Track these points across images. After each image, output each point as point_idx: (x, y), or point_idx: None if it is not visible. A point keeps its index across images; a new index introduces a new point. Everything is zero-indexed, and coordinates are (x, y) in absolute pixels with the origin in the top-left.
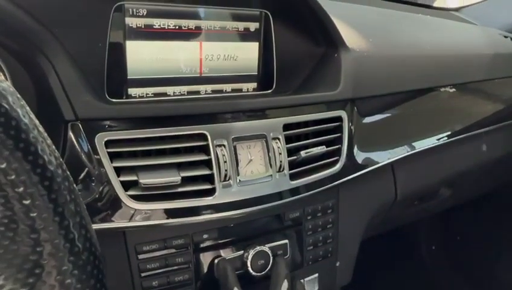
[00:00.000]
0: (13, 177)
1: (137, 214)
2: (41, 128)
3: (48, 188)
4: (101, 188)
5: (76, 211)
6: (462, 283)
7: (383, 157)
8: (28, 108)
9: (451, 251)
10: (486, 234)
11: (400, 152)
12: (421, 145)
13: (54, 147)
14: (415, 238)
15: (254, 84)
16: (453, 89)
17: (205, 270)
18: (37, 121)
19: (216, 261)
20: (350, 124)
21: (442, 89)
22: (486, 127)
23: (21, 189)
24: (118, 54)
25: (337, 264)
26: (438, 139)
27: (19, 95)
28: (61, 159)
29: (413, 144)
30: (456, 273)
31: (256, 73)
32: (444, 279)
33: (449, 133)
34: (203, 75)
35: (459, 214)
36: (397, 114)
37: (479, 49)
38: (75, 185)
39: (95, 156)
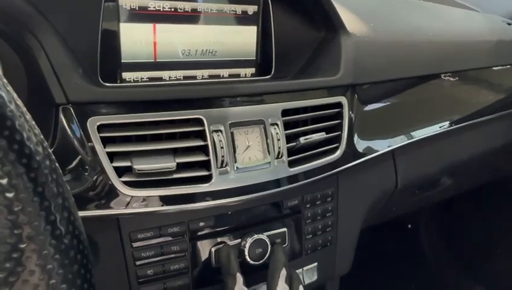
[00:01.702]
0: None
1: (131, 201)
2: (19, 102)
3: (26, 166)
4: (94, 174)
5: (58, 192)
6: (463, 272)
7: (384, 145)
8: (14, 94)
9: (451, 240)
10: (486, 224)
11: (401, 140)
12: (422, 133)
13: (33, 122)
14: (415, 228)
15: (252, 70)
16: (455, 77)
17: (202, 258)
18: (15, 95)
19: (216, 247)
20: (350, 111)
21: (444, 77)
22: (488, 116)
23: None
24: (111, 37)
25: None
26: (440, 127)
27: (5, 80)
28: (41, 136)
29: (414, 132)
30: (456, 263)
31: (254, 58)
32: (444, 268)
33: (451, 121)
34: (199, 59)
35: (459, 203)
36: (398, 101)
37: (482, 36)
38: (57, 165)
39: (88, 141)
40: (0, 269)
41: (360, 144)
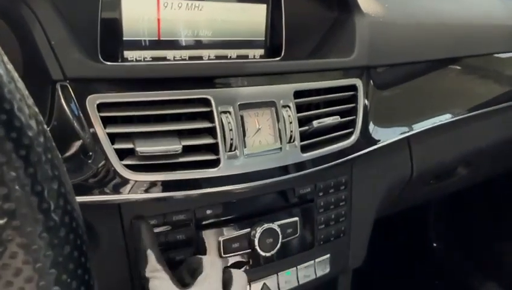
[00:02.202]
0: None
1: (133, 186)
2: (10, 67)
3: (15, 141)
4: (93, 157)
5: (54, 175)
6: (472, 266)
7: (399, 132)
8: (5, 58)
9: (461, 233)
10: (497, 217)
11: (417, 126)
12: (439, 120)
13: (27, 92)
14: (424, 221)
15: (261, 51)
16: (472, 62)
17: (209, 248)
18: (15, 74)
19: (224, 238)
20: (365, 95)
21: (462, 62)
22: (506, 103)
23: None
24: (112, 12)
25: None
26: (457, 114)
27: None
28: (36, 109)
29: (431, 118)
30: (467, 256)
31: (263, 38)
32: (454, 262)
33: (467, 107)
34: (205, 38)
35: (470, 195)
36: (414, 86)
37: (499, 20)
38: (53, 144)
39: (87, 122)
40: None
41: (375, 130)
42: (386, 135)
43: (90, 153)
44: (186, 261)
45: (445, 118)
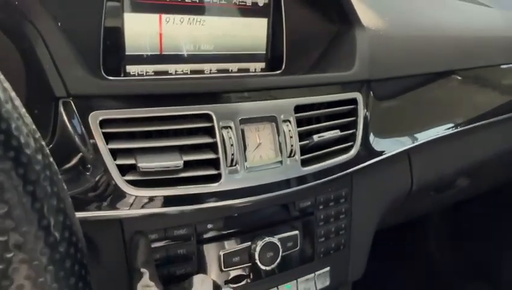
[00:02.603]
0: None
1: (135, 201)
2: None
3: (14, 160)
4: (95, 172)
5: (53, 192)
6: (472, 277)
7: (399, 144)
8: (1, 76)
9: (461, 243)
10: (498, 227)
11: (417, 139)
12: (439, 132)
13: (24, 110)
14: (424, 232)
15: (262, 64)
16: (472, 74)
17: (210, 263)
18: (13, 94)
19: (225, 252)
20: (365, 108)
21: (461, 74)
22: (507, 114)
23: None
24: (115, 27)
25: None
26: (456, 126)
27: None
28: (33, 127)
29: (430, 131)
30: (466, 267)
31: (264, 52)
32: (454, 273)
33: (468, 119)
34: (207, 53)
35: (470, 206)
36: (414, 99)
37: (498, 32)
38: (52, 160)
39: (89, 138)
40: None
41: (375, 143)
42: (386, 148)
43: (93, 169)
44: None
45: (445, 130)
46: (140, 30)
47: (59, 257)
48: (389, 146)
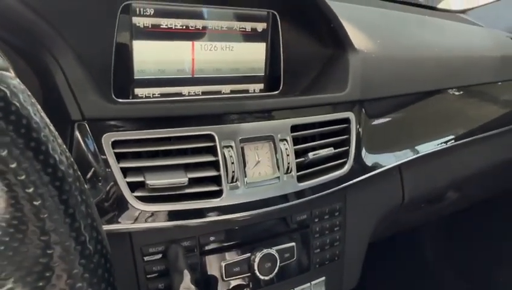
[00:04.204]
0: (23, 177)
1: (143, 215)
2: (52, 127)
3: (58, 188)
4: (107, 189)
5: (88, 213)
6: (467, 287)
7: (391, 160)
8: (38, 106)
9: (456, 255)
10: (491, 239)
11: (408, 155)
12: (429, 147)
13: (64, 146)
14: (420, 242)
15: (261, 86)
16: (461, 92)
17: (212, 273)
18: (47, 120)
19: (227, 262)
20: (358, 126)
21: (450, 92)
22: (494, 130)
23: (31, 189)
24: (124, 54)
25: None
26: (446, 142)
27: (29, 93)
28: (72, 159)
29: (420, 146)
30: (460, 278)
31: (263, 74)
32: (450, 284)
33: (457, 135)
34: (209, 75)
35: (465, 218)
36: (405, 116)
37: (486, 51)
38: (85, 186)
39: (102, 157)
40: (33, 287)
41: (368, 159)
42: (378, 164)
43: (105, 186)
44: None
45: (435, 146)
46: (148, 56)
47: (93, 266)
48: (381, 162)
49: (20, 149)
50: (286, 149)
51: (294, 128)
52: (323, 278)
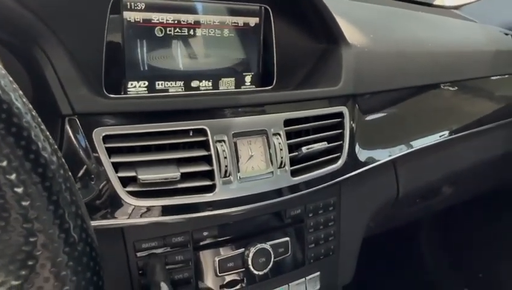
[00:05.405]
0: (5, 163)
1: (136, 210)
2: (34, 113)
3: (41, 175)
4: (99, 184)
5: (72, 200)
6: (462, 283)
7: (385, 155)
8: (20, 92)
9: (451, 249)
10: (487, 233)
11: (402, 149)
12: (423, 142)
13: (47, 132)
14: (415, 237)
15: (254, 80)
16: (455, 87)
17: (206, 268)
18: (30, 106)
19: (220, 257)
20: (351, 120)
21: (444, 86)
22: (487, 125)
23: (13, 176)
24: (115, 48)
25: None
26: (440, 136)
27: (11, 78)
28: (55, 146)
29: (415, 141)
30: (457, 273)
31: (256, 69)
32: (445, 279)
33: (451, 130)
34: (202, 70)
35: (460, 213)
36: (399, 111)
37: (480, 46)
38: (70, 174)
39: (93, 152)
40: (16, 276)
41: (362, 154)
42: (372, 158)
43: (96, 181)
44: None
45: (429, 140)
46: (139, 51)
47: (77, 254)
48: (375, 156)
49: (0, 135)
50: (279, 143)
51: (288, 122)
52: (318, 273)
